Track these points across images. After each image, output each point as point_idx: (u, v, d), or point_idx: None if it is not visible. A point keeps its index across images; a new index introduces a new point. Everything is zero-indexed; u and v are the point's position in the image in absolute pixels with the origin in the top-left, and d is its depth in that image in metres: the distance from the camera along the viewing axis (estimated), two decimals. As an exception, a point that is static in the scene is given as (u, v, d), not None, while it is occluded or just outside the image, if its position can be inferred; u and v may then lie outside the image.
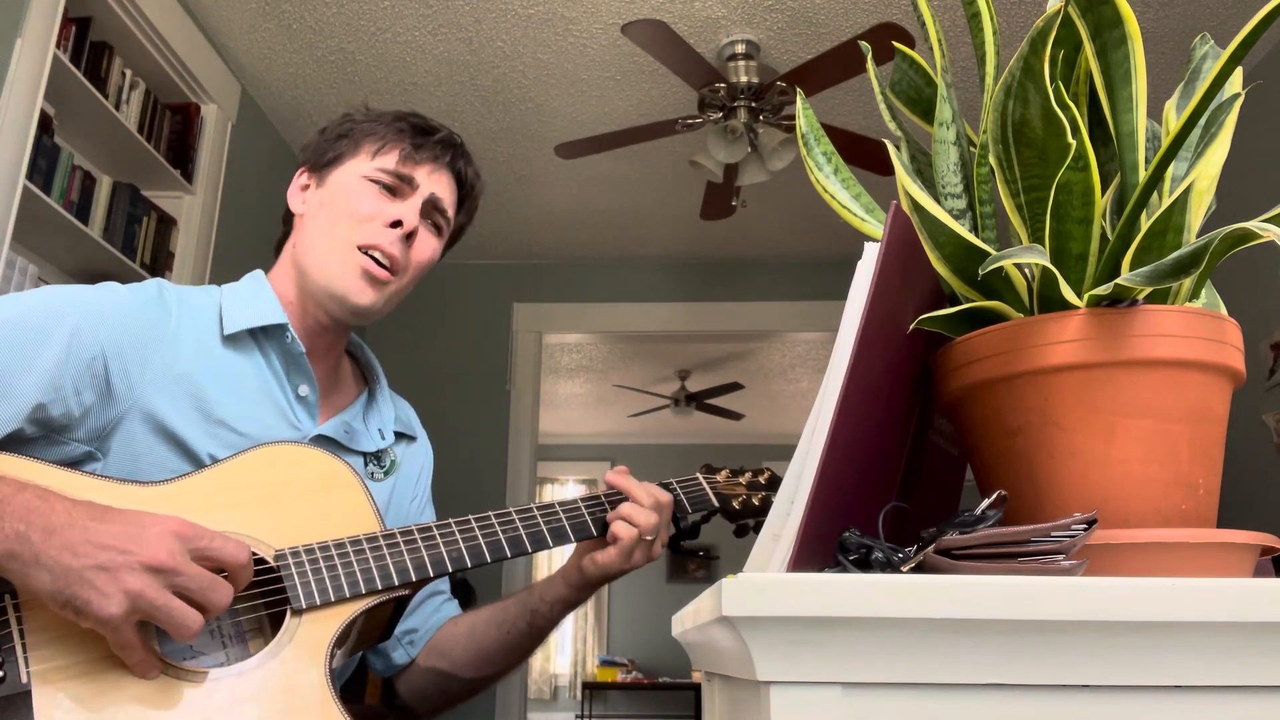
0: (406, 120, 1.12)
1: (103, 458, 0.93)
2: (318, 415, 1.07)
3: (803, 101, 0.79)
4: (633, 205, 4.00)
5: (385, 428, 1.15)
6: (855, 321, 0.60)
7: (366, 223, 1.06)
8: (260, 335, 1.05)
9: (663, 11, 2.78)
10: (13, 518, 0.76)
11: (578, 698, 7.85)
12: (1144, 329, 0.59)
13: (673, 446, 8.05)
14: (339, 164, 1.10)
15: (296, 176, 1.14)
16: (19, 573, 0.75)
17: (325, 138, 1.13)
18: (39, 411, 0.88)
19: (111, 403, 0.93)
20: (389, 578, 0.92)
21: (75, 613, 0.75)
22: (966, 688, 0.49)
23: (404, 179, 1.09)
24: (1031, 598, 0.48)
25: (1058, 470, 0.60)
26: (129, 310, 0.96)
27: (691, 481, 1.15)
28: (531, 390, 4.39)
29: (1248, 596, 0.48)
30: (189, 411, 0.96)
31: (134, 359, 0.94)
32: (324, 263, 1.06)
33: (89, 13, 2.42)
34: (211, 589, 0.78)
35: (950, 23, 2.72)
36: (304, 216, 1.11)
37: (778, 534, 0.61)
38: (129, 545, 0.76)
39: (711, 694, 0.77)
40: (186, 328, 1.00)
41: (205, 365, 0.99)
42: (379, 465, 1.13)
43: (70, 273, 2.53)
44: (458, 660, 1.13)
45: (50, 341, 0.89)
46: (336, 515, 0.95)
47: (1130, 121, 0.65)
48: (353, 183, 1.08)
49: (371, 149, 1.09)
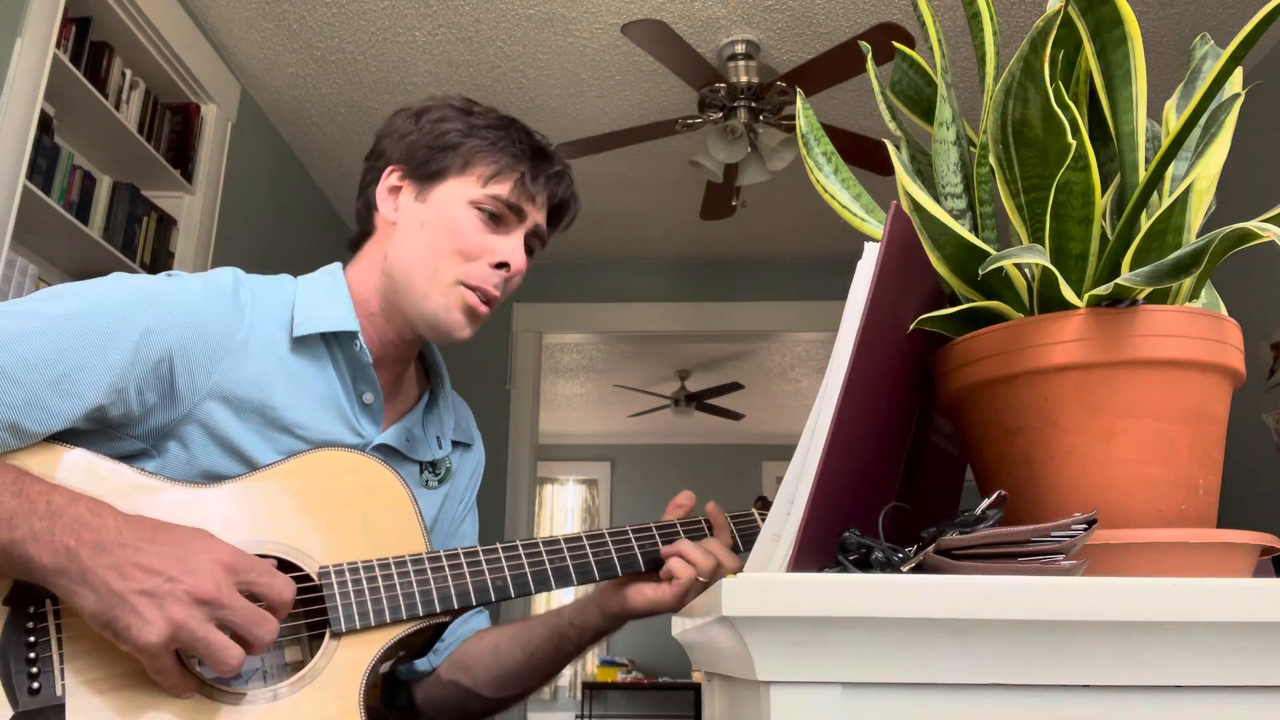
0: (525, 144, 1.06)
1: (158, 455, 0.92)
2: (381, 422, 1.04)
3: (803, 101, 0.79)
4: (633, 205, 4.00)
5: (444, 436, 1.13)
6: (855, 321, 0.60)
7: (473, 260, 1.02)
8: (330, 339, 1.02)
9: (663, 11, 2.78)
10: (64, 531, 0.75)
11: (578, 698, 7.85)
12: (1144, 329, 0.59)
13: (673, 446, 8.05)
14: (443, 179, 1.04)
15: (386, 174, 1.07)
16: (65, 588, 0.75)
17: (427, 142, 1.05)
18: (98, 411, 0.87)
19: (174, 405, 0.91)
20: (431, 604, 0.90)
21: (115, 635, 0.74)
22: (966, 688, 0.49)
23: (514, 210, 1.05)
24: (1031, 598, 0.48)
25: (1057, 470, 0.60)
26: (201, 309, 0.93)
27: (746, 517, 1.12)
28: (531, 390, 4.39)
29: (1248, 596, 0.48)
30: (250, 417, 0.94)
31: (200, 362, 0.92)
32: (425, 292, 1.02)
33: (89, 13, 2.42)
34: (257, 624, 0.77)
35: (950, 23, 2.72)
36: (398, 227, 1.05)
37: (778, 534, 0.61)
38: (176, 573, 0.75)
39: (711, 694, 0.77)
40: (256, 329, 0.97)
41: (271, 369, 0.96)
42: (434, 473, 1.11)
43: (70, 273, 2.53)
44: (479, 678, 1.11)
45: (119, 341, 0.87)
46: (383, 529, 0.93)
47: (1130, 121, 0.65)
48: (459, 210, 1.03)
49: (483, 173, 1.03)
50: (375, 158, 1.09)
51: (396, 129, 1.08)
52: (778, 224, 4.12)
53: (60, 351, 0.83)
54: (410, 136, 1.06)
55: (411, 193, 1.05)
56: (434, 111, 1.07)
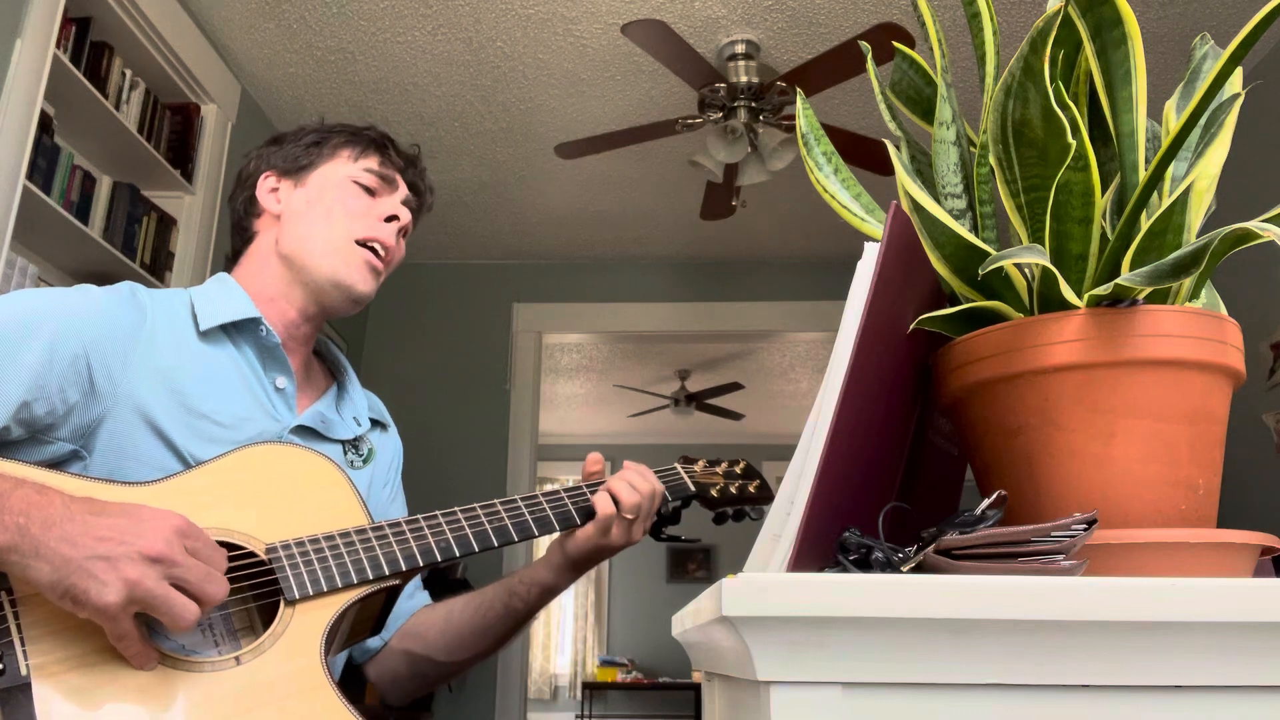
0: (377, 133, 1.20)
1: (88, 456, 0.95)
2: (295, 406, 1.10)
3: (803, 101, 0.79)
4: (633, 205, 4.00)
5: (360, 415, 1.18)
6: (855, 321, 0.60)
7: (362, 218, 1.13)
8: (234, 330, 1.08)
9: (663, 11, 2.78)
10: (12, 511, 0.77)
11: (578, 698, 7.85)
12: (1144, 329, 0.59)
13: (673, 446, 8.05)
14: (315, 167, 1.16)
15: (261, 181, 1.17)
16: (19, 565, 0.76)
17: (292, 146, 1.17)
18: (24, 410, 0.90)
19: (95, 399, 0.95)
20: (379, 568, 0.94)
21: (74, 602, 0.75)
22: (966, 688, 0.49)
23: (386, 179, 1.17)
24: (1031, 598, 0.48)
25: (1057, 470, 0.60)
26: (106, 309, 0.99)
27: (669, 470, 1.20)
28: (531, 390, 4.38)
29: (1248, 596, 0.48)
30: (170, 405, 0.98)
31: (115, 355, 0.97)
32: (324, 254, 1.10)
33: (89, 13, 2.42)
34: (208, 580, 0.79)
35: (950, 23, 2.72)
36: (284, 215, 1.14)
37: (778, 534, 0.61)
38: (127, 536, 0.77)
39: (711, 694, 0.77)
40: (162, 325, 1.02)
41: (184, 360, 1.02)
42: (357, 453, 1.16)
43: (70, 273, 2.53)
44: (432, 643, 1.15)
45: (33, 342, 0.92)
46: (325, 510, 0.96)
47: (1130, 121, 0.65)
48: (339, 182, 1.14)
49: (350, 154, 1.16)
50: (244, 180, 1.20)
51: (258, 155, 1.20)
52: (778, 224, 4.12)
53: None
54: (274, 152, 1.19)
55: (289, 185, 1.16)
56: (290, 133, 1.20)
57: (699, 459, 1.25)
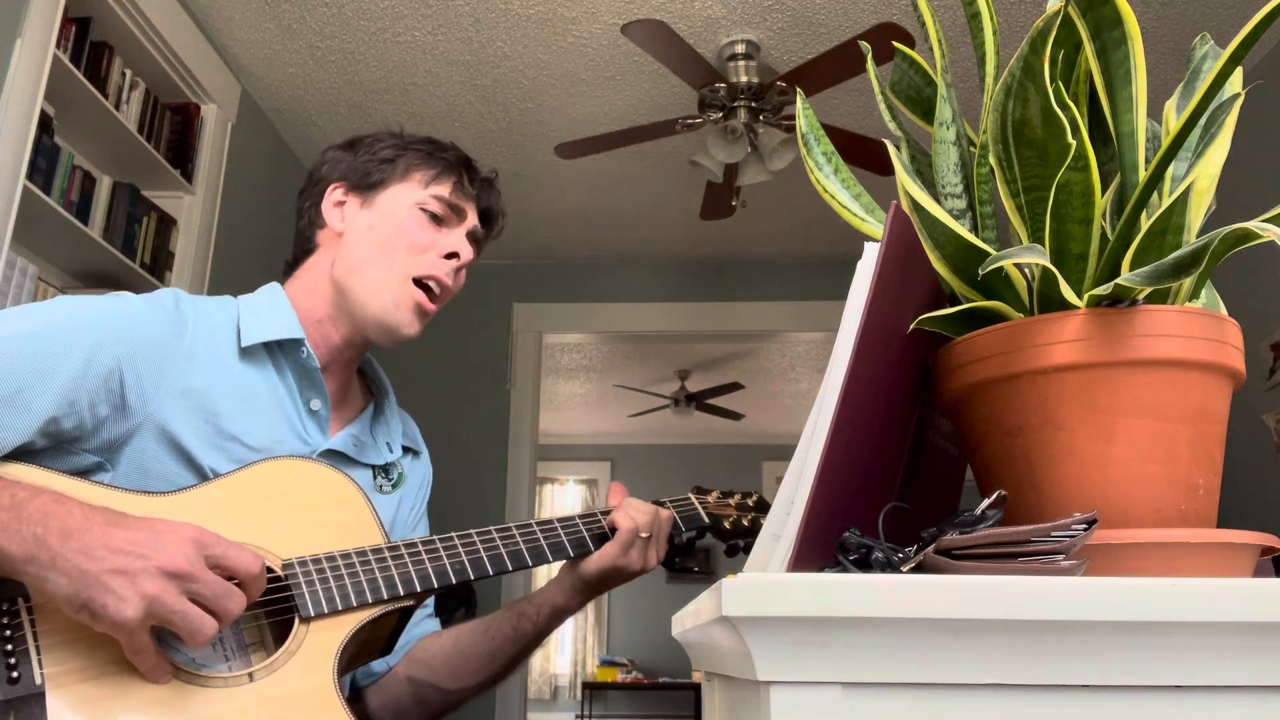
0: (455, 155, 1.15)
1: (112, 469, 0.94)
2: (328, 429, 1.08)
3: (803, 101, 0.79)
4: (633, 205, 4.00)
5: (393, 441, 1.16)
6: (855, 321, 0.60)
7: (423, 253, 1.09)
8: (276, 349, 1.06)
9: (663, 11, 2.78)
10: (30, 521, 0.76)
11: (578, 698, 7.85)
12: (1144, 329, 0.59)
13: (673, 446, 8.05)
14: (385, 187, 1.11)
15: (329, 191, 1.13)
16: (36, 576, 0.75)
17: (366, 158, 1.13)
18: (52, 425, 0.89)
19: (125, 416, 0.94)
20: (394, 587, 0.93)
21: (91, 616, 0.75)
22: (966, 688, 0.49)
23: (456, 210, 1.13)
24: (1031, 598, 0.48)
25: (1057, 470, 0.60)
26: (146, 323, 0.97)
27: (683, 500, 1.20)
28: (531, 390, 4.38)
29: (1248, 596, 0.48)
30: (200, 425, 0.97)
31: (149, 373, 0.95)
32: (376, 291, 1.07)
33: (89, 13, 2.42)
34: (226, 596, 0.79)
35: (950, 23, 2.72)
36: (345, 236, 1.11)
37: (778, 534, 0.61)
38: (146, 550, 0.76)
39: (711, 694, 0.77)
40: (202, 341, 1.00)
41: (219, 379, 1.00)
42: (387, 478, 1.14)
43: (70, 273, 2.53)
44: (437, 669, 1.13)
45: (70, 357, 0.89)
46: (341, 528, 0.96)
47: (1130, 121, 0.65)
48: (405, 210, 1.10)
49: (423, 177, 1.12)
50: (314, 184, 1.15)
51: (331, 159, 1.16)
52: (778, 224, 4.12)
53: (12, 370, 0.86)
54: (348, 160, 1.14)
55: (356, 202, 1.12)
56: (366, 139, 1.16)
57: (712, 490, 1.26)
